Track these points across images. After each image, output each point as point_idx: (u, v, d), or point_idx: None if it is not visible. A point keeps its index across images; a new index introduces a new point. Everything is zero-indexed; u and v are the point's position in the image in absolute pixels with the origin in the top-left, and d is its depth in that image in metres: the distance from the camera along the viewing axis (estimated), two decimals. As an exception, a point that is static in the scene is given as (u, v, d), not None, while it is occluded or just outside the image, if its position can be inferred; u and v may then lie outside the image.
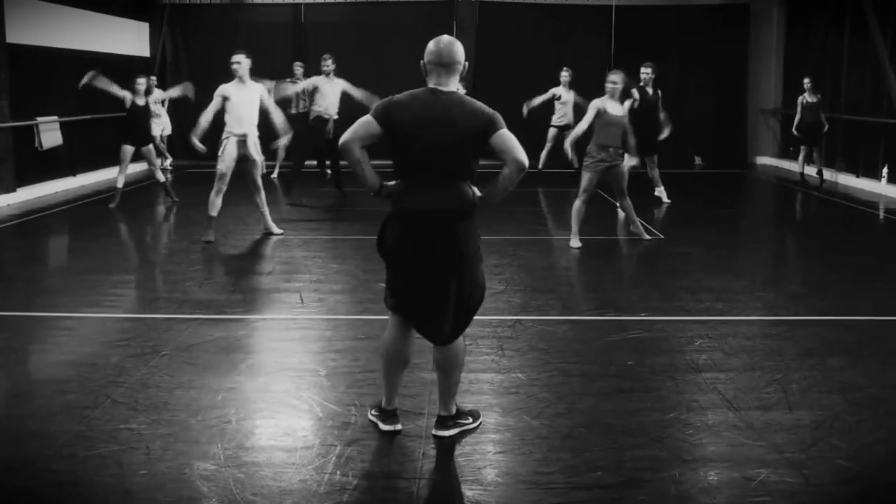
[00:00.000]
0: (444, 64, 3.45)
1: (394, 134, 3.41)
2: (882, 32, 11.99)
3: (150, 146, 10.70)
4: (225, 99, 8.03)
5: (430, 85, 3.47)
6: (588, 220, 10.15)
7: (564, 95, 13.22)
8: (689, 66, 15.49)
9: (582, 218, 8.01)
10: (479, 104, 3.45)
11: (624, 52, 15.44)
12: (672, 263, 7.49)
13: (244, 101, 8.04)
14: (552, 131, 13.36)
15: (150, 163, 10.81)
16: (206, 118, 8.08)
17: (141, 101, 10.50)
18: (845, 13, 13.26)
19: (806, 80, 12.73)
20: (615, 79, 7.78)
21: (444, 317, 3.54)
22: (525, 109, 13.05)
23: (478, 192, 3.51)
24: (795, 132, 13.02)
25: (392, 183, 3.53)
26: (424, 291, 3.54)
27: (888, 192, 11.69)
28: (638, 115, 9.97)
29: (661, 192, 10.77)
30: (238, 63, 8.02)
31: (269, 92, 8.62)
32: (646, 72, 10.26)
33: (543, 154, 13.40)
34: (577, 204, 7.97)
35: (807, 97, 12.76)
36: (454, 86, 3.48)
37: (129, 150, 10.50)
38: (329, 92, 10.62)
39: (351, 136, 3.41)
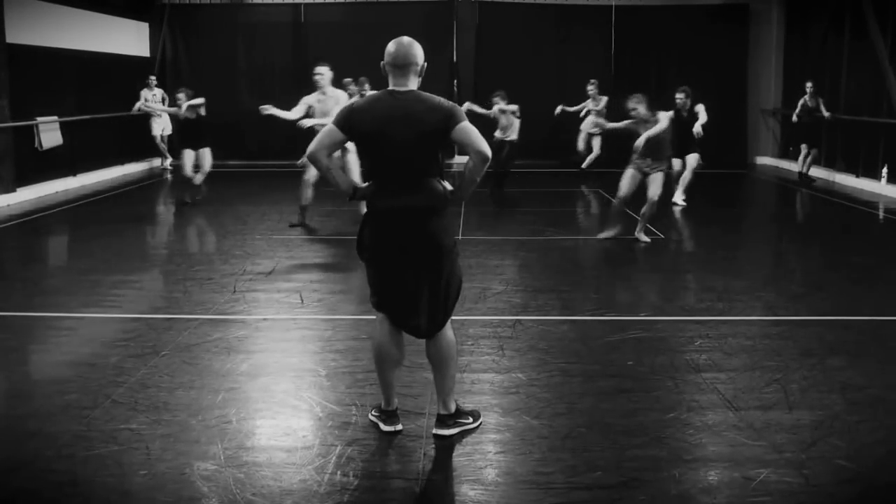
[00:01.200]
0: (399, 66, 3.50)
1: (358, 138, 3.50)
2: (882, 33, 11.98)
3: (206, 149, 10.71)
4: (309, 107, 8.40)
5: (390, 86, 3.53)
6: (588, 220, 10.14)
7: (593, 109, 13.28)
8: (688, 66, 15.47)
9: (618, 213, 8.27)
10: (438, 99, 3.50)
11: (624, 52, 15.46)
12: (672, 263, 7.49)
13: (324, 112, 8.26)
14: (583, 135, 13.55)
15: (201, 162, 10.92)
16: (286, 114, 8.38)
17: (191, 115, 10.52)
18: (845, 13, 13.25)
19: (808, 84, 12.80)
20: (632, 104, 8.06)
21: (423, 311, 3.59)
22: (558, 110, 13.15)
23: (448, 187, 3.55)
24: (796, 118, 13.11)
25: (364, 185, 3.59)
26: (403, 287, 3.58)
27: (888, 192, 11.69)
28: (677, 135, 10.08)
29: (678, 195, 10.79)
30: (320, 74, 8.31)
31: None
32: (679, 97, 10.46)
33: (589, 157, 13.44)
34: (615, 202, 8.29)
35: (807, 100, 12.82)
36: (413, 85, 3.53)
37: (189, 153, 10.61)
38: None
39: (316, 146, 3.48)
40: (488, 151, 3.42)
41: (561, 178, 13.11)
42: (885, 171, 11.95)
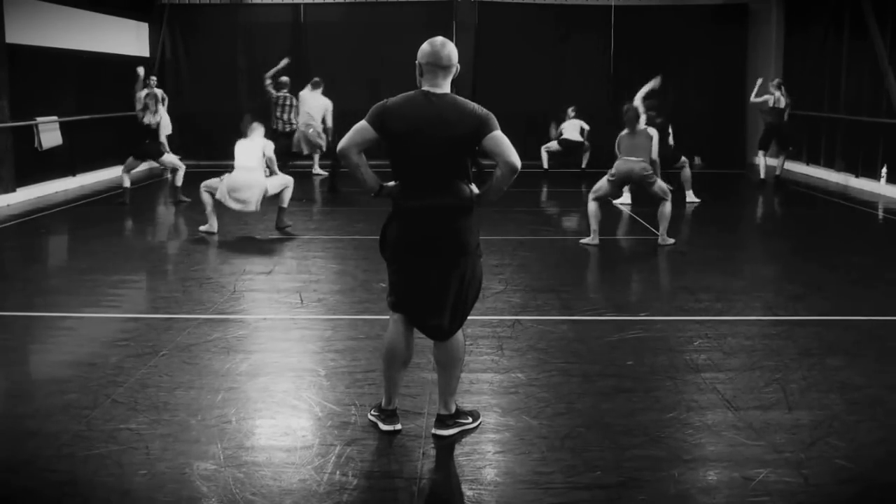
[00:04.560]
0: (443, 66, 3.49)
1: (389, 137, 3.48)
2: (881, 33, 11.99)
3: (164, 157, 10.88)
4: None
5: (425, 86, 3.51)
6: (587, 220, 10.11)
7: (567, 132, 13.88)
8: (687, 66, 15.48)
9: (597, 217, 7.94)
10: (471, 105, 3.49)
11: (623, 53, 15.45)
12: (672, 263, 7.49)
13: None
14: (553, 144, 14.09)
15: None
16: None
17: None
18: (844, 13, 13.25)
19: (776, 81, 12.93)
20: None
21: (445, 311, 3.58)
22: (553, 132, 13.98)
23: (475, 190, 3.55)
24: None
25: (391, 184, 3.58)
26: (426, 287, 3.58)
27: (887, 192, 11.69)
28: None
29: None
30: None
31: None
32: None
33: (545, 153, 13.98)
34: (590, 203, 7.96)
35: (772, 99, 12.90)
36: (447, 87, 3.53)
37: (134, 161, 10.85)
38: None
39: (348, 142, 3.48)
40: (518, 163, 3.40)
41: (559, 177, 13.10)
42: (884, 171, 11.96)
